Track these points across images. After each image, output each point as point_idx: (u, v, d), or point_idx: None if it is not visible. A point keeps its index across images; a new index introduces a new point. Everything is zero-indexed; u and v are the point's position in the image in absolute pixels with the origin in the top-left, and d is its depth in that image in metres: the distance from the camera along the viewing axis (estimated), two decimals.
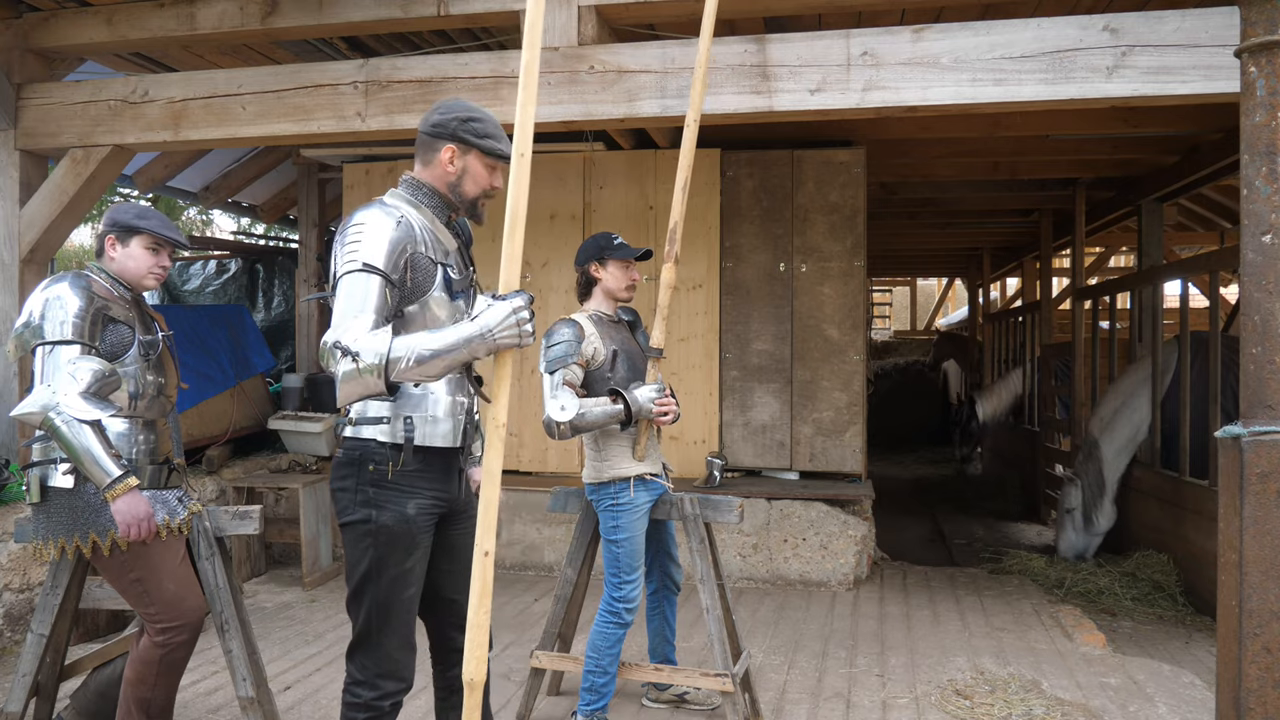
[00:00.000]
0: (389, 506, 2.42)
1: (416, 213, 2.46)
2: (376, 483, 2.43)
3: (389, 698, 2.46)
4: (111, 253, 3.01)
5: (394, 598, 2.44)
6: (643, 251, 3.43)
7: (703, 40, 3.30)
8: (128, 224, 2.99)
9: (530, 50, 2.15)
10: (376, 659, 2.44)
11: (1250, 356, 2.37)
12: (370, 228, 2.34)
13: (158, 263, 3.04)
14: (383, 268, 2.30)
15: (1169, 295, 9.35)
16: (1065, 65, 3.62)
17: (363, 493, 2.43)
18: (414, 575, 2.47)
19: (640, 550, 3.39)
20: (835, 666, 4.33)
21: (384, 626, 2.44)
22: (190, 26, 4.44)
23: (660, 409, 3.29)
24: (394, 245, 2.33)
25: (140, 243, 3.00)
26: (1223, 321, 7.47)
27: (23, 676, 3.04)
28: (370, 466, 2.43)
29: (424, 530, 2.48)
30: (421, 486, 2.47)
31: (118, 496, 2.72)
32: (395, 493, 2.43)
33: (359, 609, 2.46)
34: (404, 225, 2.38)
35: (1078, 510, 6.93)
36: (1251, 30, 2.37)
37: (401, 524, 2.42)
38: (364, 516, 2.42)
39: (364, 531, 2.43)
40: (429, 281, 2.41)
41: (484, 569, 2.11)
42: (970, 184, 8.36)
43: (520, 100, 2.15)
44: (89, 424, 2.70)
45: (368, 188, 6.49)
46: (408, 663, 2.49)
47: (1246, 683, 2.34)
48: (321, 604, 5.36)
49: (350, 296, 2.28)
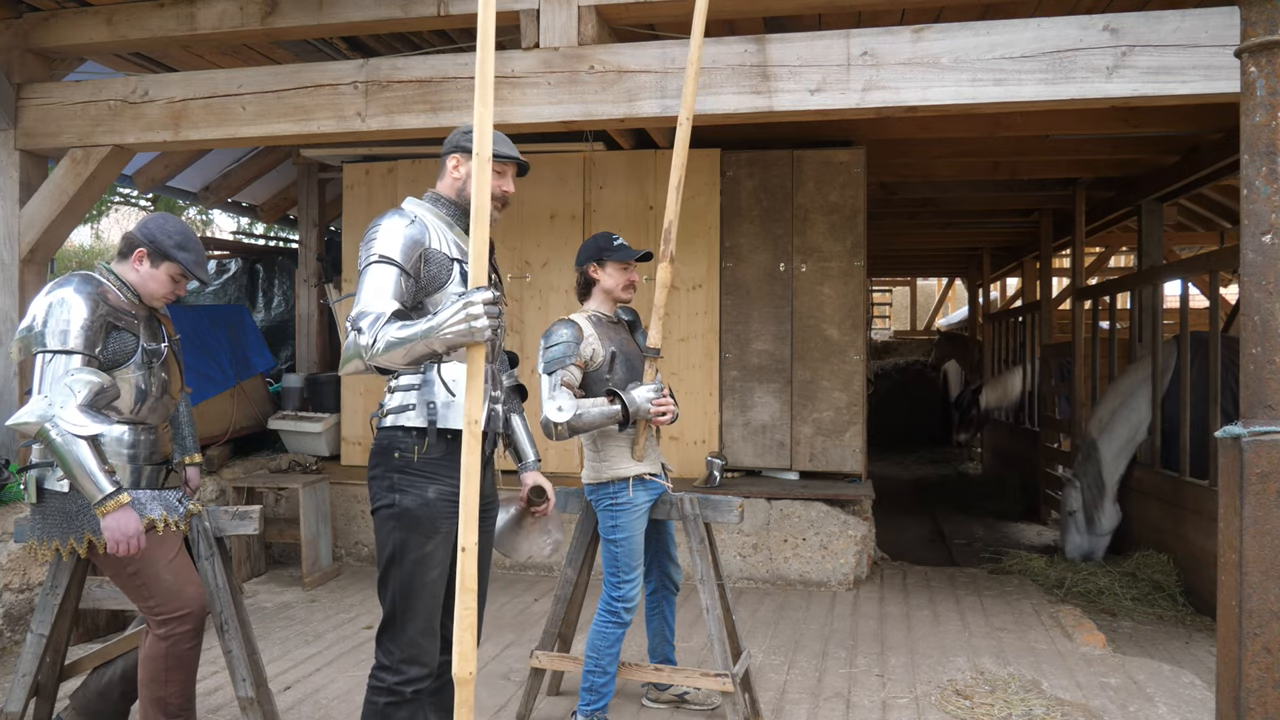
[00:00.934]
0: (411, 490, 2.55)
1: (433, 216, 2.67)
2: (401, 468, 2.56)
3: (411, 684, 2.56)
4: (137, 265, 2.98)
5: (416, 581, 2.54)
6: (642, 254, 3.43)
7: (694, 39, 3.31)
8: (165, 250, 2.95)
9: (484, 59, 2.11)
10: (401, 643, 2.55)
11: (1250, 356, 2.37)
12: (385, 227, 2.55)
13: (175, 290, 3.05)
14: (396, 258, 2.49)
15: (1169, 295, 9.35)
16: (1065, 65, 3.62)
17: (388, 479, 2.57)
18: (435, 559, 2.57)
19: (639, 550, 3.40)
20: (835, 666, 4.33)
21: (407, 610, 2.54)
22: (190, 26, 4.44)
23: (658, 409, 3.29)
24: (408, 240, 2.53)
25: (169, 269, 2.99)
26: (1223, 321, 7.46)
27: (23, 676, 3.04)
28: (396, 454, 2.57)
29: (444, 515, 2.56)
30: (443, 474, 2.57)
31: (108, 513, 2.72)
32: (418, 477, 2.56)
33: (385, 593, 2.57)
34: (418, 224, 2.58)
35: (1079, 512, 6.93)
36: (1251, 30, 2.37)
37: (422, 507, 2.55)
38: (389, 501, 2.56)
39: (388, 515, 2.56)
40: (445, 274, 2.58)
41: (464, 565, 2.12)
42: (970, 184, 8.36)
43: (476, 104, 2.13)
44: (84, 438, 2.70)
45: (368, 188, 6.49)
46: (430, 648, 2.58)
47: (1246, 683, 2.34)
48: (321, 604, 5.36)
49: (368, 283, 2.47)
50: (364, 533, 6.32)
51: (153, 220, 3.03)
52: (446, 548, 2.58)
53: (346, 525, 6.34)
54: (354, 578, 5.95)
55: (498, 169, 2.66)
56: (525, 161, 2.77)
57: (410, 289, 2.51)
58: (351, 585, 5.77)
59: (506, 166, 2.72)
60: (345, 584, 5.81)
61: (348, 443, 6.52)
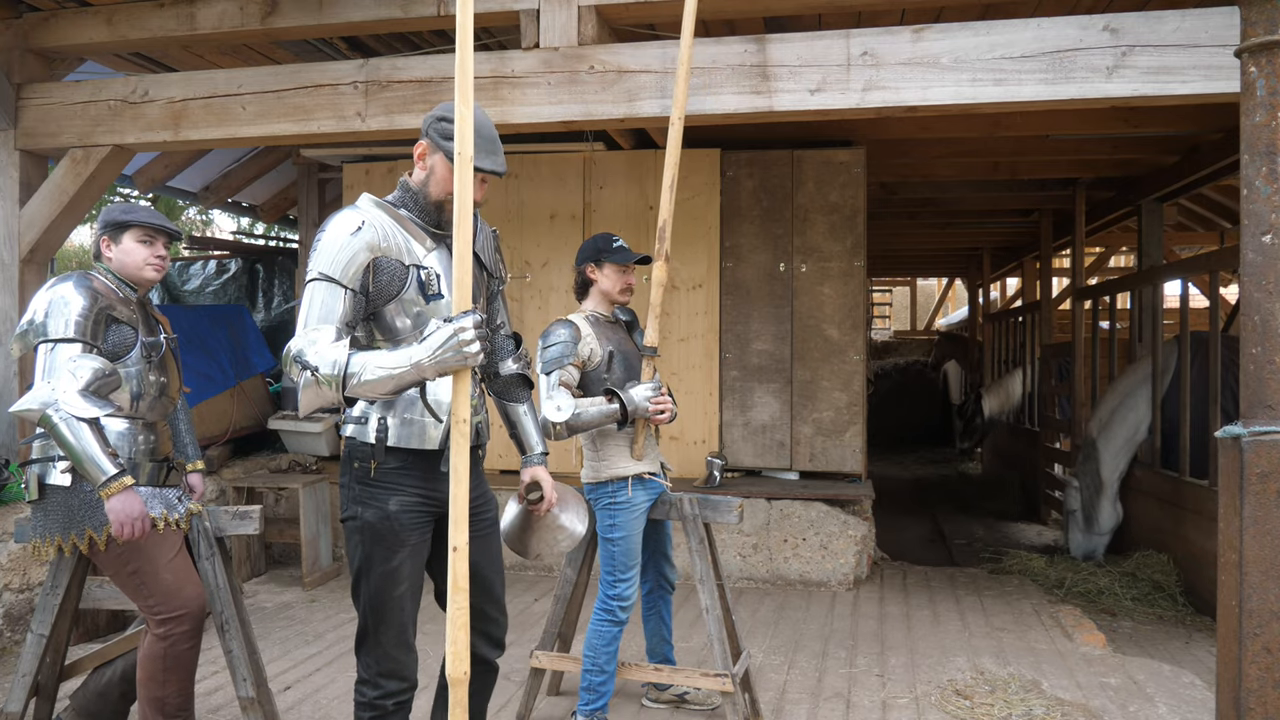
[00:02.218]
0: (372, 503, 2.46)
1: (388, 216, 2.47)
2: (361, 480, 2.48)
3: (391, 697, 2.49)
4: (107, 253, 3.03)
5: (384, 595, 2.47)
6: (639, 257, 3.43)
7: (684, 39, 3.31)
8: (116, 221, 3.01)
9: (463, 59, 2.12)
10: (376, 656, 2.49)
11: (1250, 356, 2.37)
12: (329, 235, 2.40)
13: (153, 253, 3.05)
14: (337, 277, 2.35)
15: (1169, 295, 9.35)
16: (1065, 65, 3.62)
17: (352, 489, 2.49)
18: (402, 574, 2.48)
19: (636, 550, 3.40)
20: (835, 666, 4.33)
21: (379, 624, 2.48)
22: (190, 26, 4.44)
23: (656, 407, 3.29)
24: (351, 253, 2.37)
25: (132, 236, 3.02)
26: (1223, 321, 7.46)
27: (23, 676, 3.04)
28: (355, 464, 2.48)
29: (409, 528, 2.48)
30: (405, 484, 2.48)
31: (112, 495, 2.72)
32: (379, 489, 2.47)
33: (358, 605, 2.51)
34: (365, 231, 2.39)
35: (1078, 512, 6.95)
36: (1251, 30, 2.37)
37: (383, 520, 2.45)
38: (353, 513, 2.49)
39: (354, 528, 2.49)
40: (397, 284, 2.43)
41: (454, 564, 2.11)
42: (970, 184, 8.36)
43: (456, 100, 2.12)
44: (86, 422, 2.71)
45: (368, 188, 6.43)
46: (406, 661, 2.51)
47: (1246, 683, 2.34)
48: (321, 604, 5.36)
49: (311, 305, 2.35)
50: None
51: (100, 214, 3.09)
52: (415, 560, 2.50)
53: None
54: None
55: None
56: (501, 171, 2.48)
57: (359, 305, 2.38)
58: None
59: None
60: (345, 584, 5.80)
61: None
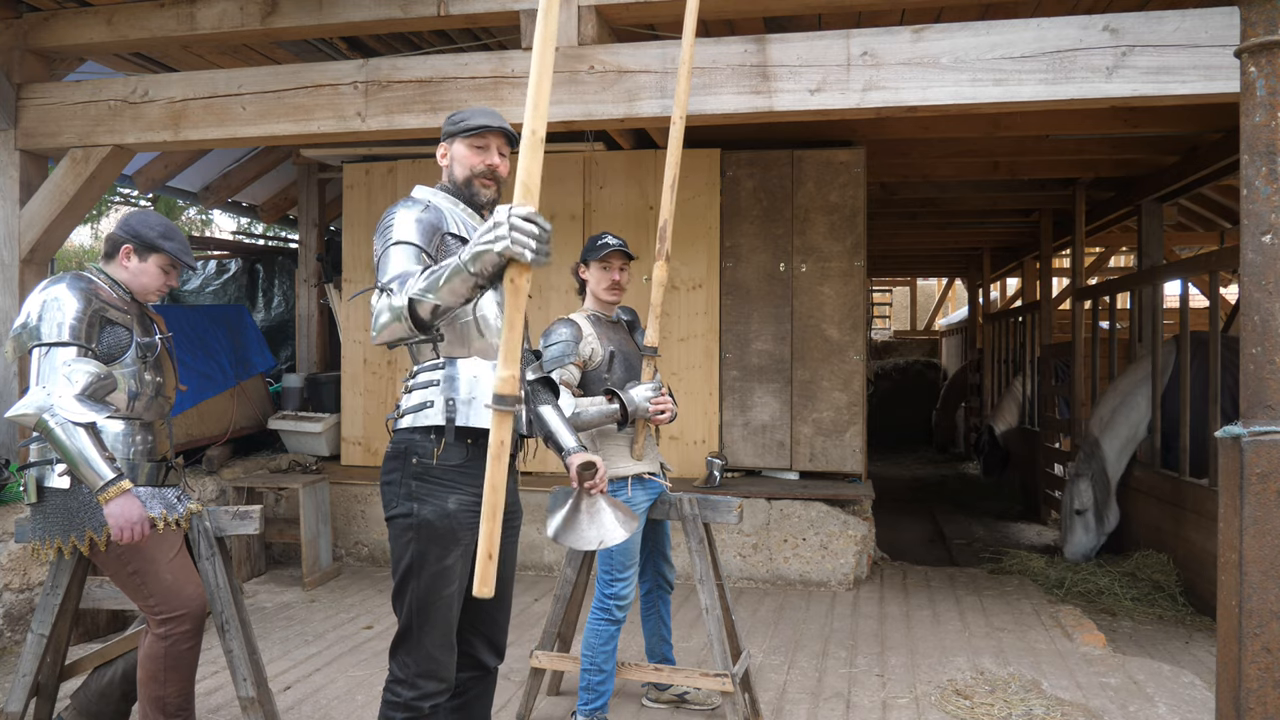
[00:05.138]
0: (430, 500, 2.43)
1: (447, 201, 2.57)
2: (419, 476, 2.43)
3: (428, 699, 2.46)
4: (125, 262, 3.00)
5: (434, 594, 2.44)
6: (614, 247, 3.40)
7: (686, 39, 3.31)
8: (150, 241, 2.97)
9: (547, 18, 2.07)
10: (417, 657, 2.45)
11: (1250, 356, 2.37)
12: (400, 216, 2.45)
13: (167, 282, 3.06)
14: (415, 240, 2.40)
15: (1169, 295, 9.35)
16: (1065, 65, 3.62)
17: (406, 486, 2.44)
18: (454, 572, 2.46)
19: (635, 549, 3.40)
20: (835, 666, 4.33)
21: (424, 624, 2.44)
22: (190, 26, 4.44)
23: (656, 407, 3.29)
24: (424, 225, 2.43)
25: (157, 261, 3.00)
26: (1223, 321, 7.46)
27: (23, 676, 3.04)
28: (414, 459, 2.44)
29: (465, 527, 2.45)
30: (464, 483, 2.45)
31: (110, 499, 2.72)
32: (437, 486, 2.44)
33: (401, 605, 2.47)
34: (432, 209, 2.48)
35: (1089, 511, 6.85)
36: (1251, 30, 2.37)
37: (442, 519, 2.43)
38: (406, 510, 2.44)
39: (405, 525, 2.44)
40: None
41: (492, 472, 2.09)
42: (970, 184, 8.37)
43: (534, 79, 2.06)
44: (83, 426, 2.70)
45: (368, 188, 6.49)
46: (447, 663, 2.49)
47: (1246, 683, 2.34)
48: (321, 604, 5.36)
49: (391, 262, 2.36)
50: (364, 533, 6.33)
51: (133, 216, 3.04)
52: (466, 560, 2.47)
53: (346, 525, 6.34)
54: (354, 578, 5.95)
55: (479, 144, 2.54)
56: (511, 130, 2.57)
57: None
58: (351, 585, 5.77)
59: (489, 139, 2.56)
60: (345, 584, 5.81)
61: (348, 443, 6.52)
